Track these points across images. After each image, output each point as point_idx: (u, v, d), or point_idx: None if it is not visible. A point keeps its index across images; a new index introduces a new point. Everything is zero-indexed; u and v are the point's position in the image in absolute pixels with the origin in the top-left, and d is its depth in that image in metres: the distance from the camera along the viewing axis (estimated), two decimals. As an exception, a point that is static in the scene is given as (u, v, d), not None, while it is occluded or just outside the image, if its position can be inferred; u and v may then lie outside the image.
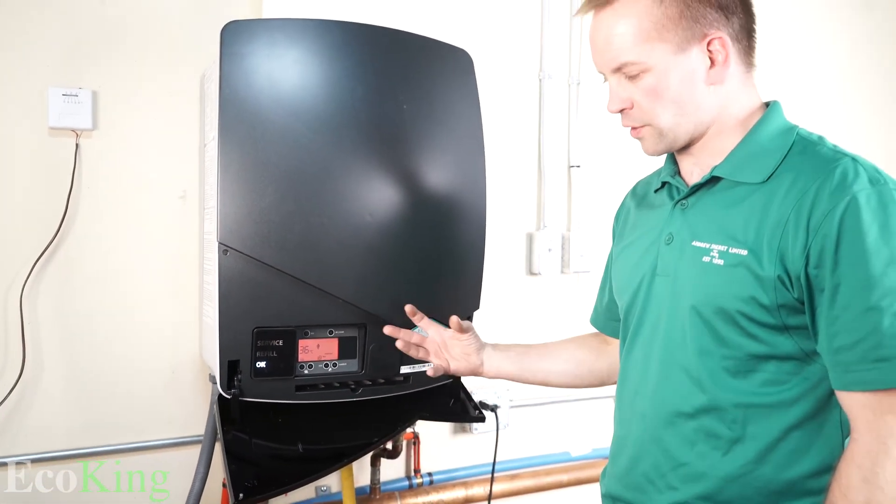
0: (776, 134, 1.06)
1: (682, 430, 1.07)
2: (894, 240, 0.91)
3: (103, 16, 1.73)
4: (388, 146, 1.49)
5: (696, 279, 1.05)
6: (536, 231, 2.25)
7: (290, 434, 1.53)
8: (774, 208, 0.99)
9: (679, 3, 1.01)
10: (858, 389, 0.93)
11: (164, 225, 1.80)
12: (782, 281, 0.97)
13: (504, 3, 2.20)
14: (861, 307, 0.92)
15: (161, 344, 1.81)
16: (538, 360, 1.39)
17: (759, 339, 1.00)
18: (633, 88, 1.06)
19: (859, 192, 0.93)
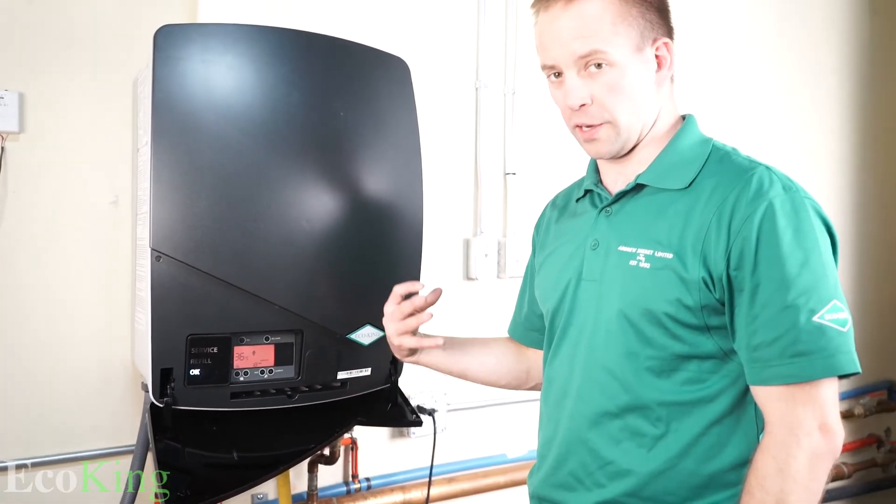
0: (694, 144, 1.10)
1: (608, 430, 1.09)
2: (807, 242, 0.97)
3: (31, 17, 1.68)
4: (324, 152, 1.48)
5: (623, 283, 1.07)
6: (473, 237, 2.26)
7: (225, 442, 1.49)
8: (697, 214, 1.03)
9: (640, 2, 1.05)
10: (776, 384, 0.97)
11: (95, 231, 1.74)
12: (706, 282, 1.01)
13: (441, 13, 2.21)
14: (779, 305, 0.96)
15: (92, 352, 1.75)
16: (461, 351, 1.38)
17: (683, 339, 1.04)
18: (593, 84, 1.05)
19: (775, 198, 0.98)
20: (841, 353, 0.96)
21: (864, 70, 3.20)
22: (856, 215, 3.19)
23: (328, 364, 1.52)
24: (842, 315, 0.97)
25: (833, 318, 0.96)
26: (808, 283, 0.96)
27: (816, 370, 0.95)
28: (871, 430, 3.24)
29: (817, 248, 0.98)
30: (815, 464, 0.95)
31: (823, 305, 0.95)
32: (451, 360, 1.37)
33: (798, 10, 3.00)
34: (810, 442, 0.95)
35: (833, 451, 0.97)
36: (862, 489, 3.19)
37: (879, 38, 3.25)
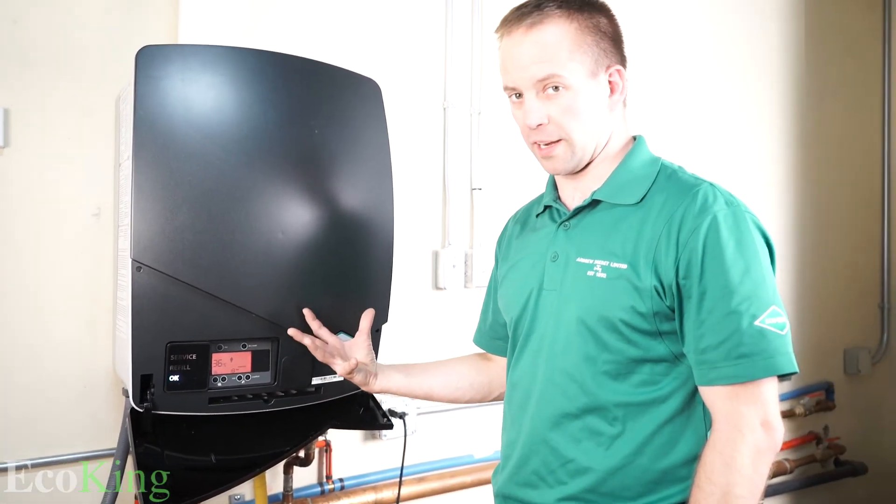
0: (645, 163, 1.14)
1: (569, 430, 1.11)
2: (747, 252, 1.01)
3: (15, 35, 1.64)
4: (299, 168, 1.47)
5: (581, 292, 1.09)
6: (441, 249, 2.26)
7: (203, 446, 1.47)
8: (648, 227, 1.06)
9: (593, 33, 1.09)
10: (722, 384, 1.00)
11: (77, 241, 1.71)
12: (657, 290, 1.03)
13: (410, 37, 2.21)
14: (723, 311, 0.99)
15: (73, 358, 1.71)
16: (423, 374, 1.39)
17: (637, 344, 1.06)
18: (550, 105, 1.08)
19: (718, 212, 1.02)
20: (780, 355, 0.98)
21: (801, 91, 3.28)
22: (795, 228, 3.25)
23: (303, 370, 1.51)
24: (780, 319, 1.00)
25: (773, 322, 0.99)
26: (750, 290, 0.99)
27: (758, 370, 0.98)
28: (811, 428, 3.30)
29: (757, 257, 1.01)
30: (758, 458, 0.98)
31: (764, 310, 0.99)
32: (414, 383, 1.37)
33: (736, 30, 3.06)
34: (754, 437, 0.98)
35: (774, 446, 0.99)
36: (803, 483, 3.24)
37: (815, 61, 3.33)
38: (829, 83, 3.38)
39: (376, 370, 1.35)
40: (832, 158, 3.42)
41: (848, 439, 3.39)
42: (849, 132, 3.49)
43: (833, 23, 3.40)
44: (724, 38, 2.99)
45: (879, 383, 3.59)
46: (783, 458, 3.16)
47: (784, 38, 3.21)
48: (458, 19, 2.29)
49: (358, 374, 1.32)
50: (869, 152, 3.58)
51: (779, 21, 3.19)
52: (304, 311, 1.38)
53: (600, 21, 1.10)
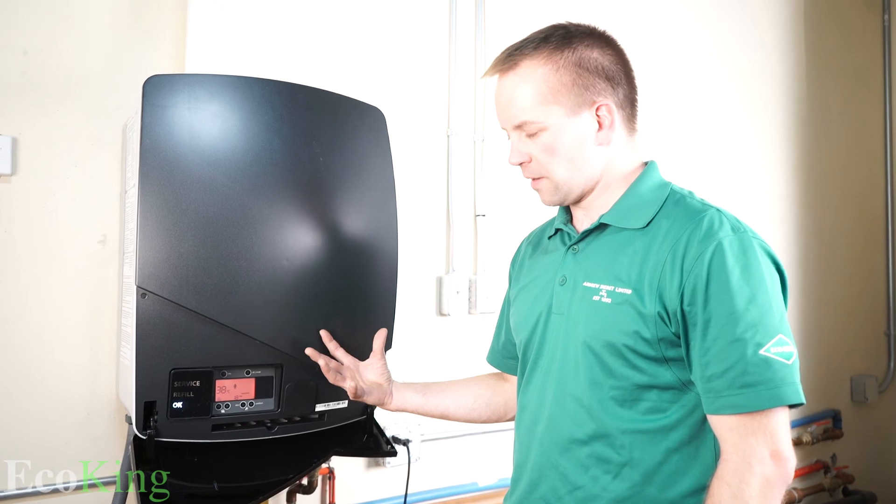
0: (654, 188, 1.13)
1: (577, 456, 1.09)
2: (754, 280, 0.99)
3: (26, 65, 1.67)
4: (304, 196, 1.48)
5: (587, 316, 1.09)
6: (445, 275, 2.26)
7: (206, 473, 1.46)
8: (653, 252, 1.05)
9: (572, 72, 1.08)
10: (727, 413, 0.98)
11: (83, 268, 1.72)
12: (661, 317, 1.02)
13: (415, 66, 2.24)
14: (728, 339, 0.97)
15: (78, 384, 1.71)
16: (439, 394, 1.39)
17: (643, 370, 1.05)
18: (531, 144, 1.11)
19: (724, 238, 1.00)
20: (786, 385, 0.96)
21: (803, 120, 3.29)
22: (799, 256, 3.25)
23: (307, 397, 1.50)
24: (787, 349, 0.98)
25: (778, 351, 0.97)
26: (755, 318, 0.97)
27: (763, 400, 0.96)
28: (819, 456, 3.26)
29: (763, 284, 0.99)
30: (767, 490, 0.95)
31: (769, 339, 0.97)
32: (430, 402, 1.38)
33: (739, 60, 3.08)
34: (763, 469, 0.95)
35: (785, 477, 0.97)
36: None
37: (816, 89, 3.35)
38: (831, 112, 3.40)
39: (392, 389, 1.36)
40: (835, 186, 3.43)
41: (856, 468, 3.35)
42: (852, 160, 3.51)
43: (834, 50, 3.43)
44: (727, 69, 3.01)
45: (887, 411, 3.56)
46: (791, 487, 3.12)
47: (786, 67, 3.24)
48: (461, 48, 2.31)
49: (371, 394, 1.34)
50: (872, 179, 3.59)
51: (780, 50, 3.22)
52: (322, 332, 1.42)
53: (588, 56, 1.09)
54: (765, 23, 3.19)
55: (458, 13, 2.31)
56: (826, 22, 3.41)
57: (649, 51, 2.77)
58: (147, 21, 1.81)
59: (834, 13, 3.46)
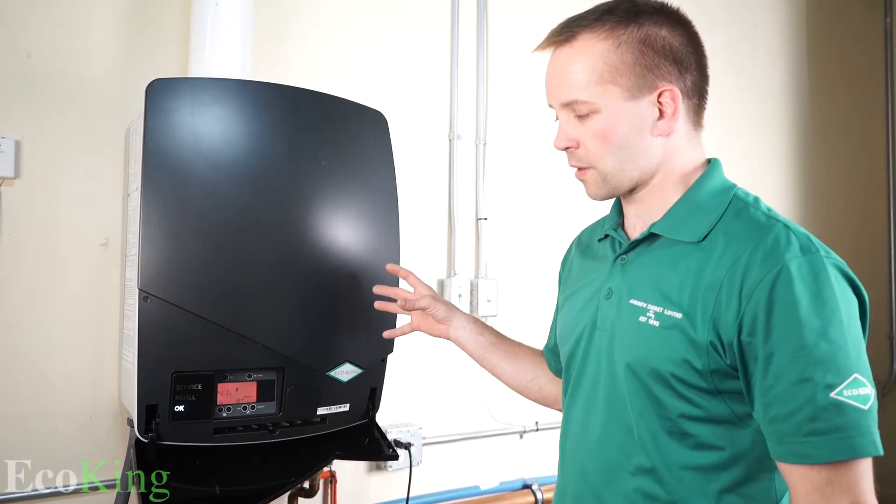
0: (714, 193, 1.00)
1: (622, 489, 0.99)
2: (826, 310, 0.85)
3: (29, 68, 1.67)
4: (306, 199, 1.48)
5: (631, 339, 0.98)
6: (447, 278, 2.26)
7: (208, 476, 1.46)
8: (709, 271, 0.92)
9: (635, 50, 0.96)
10: (793, 462, 0.86)
11: (85, 271, 1.72)
12: (715, 347, 0.90)
13: (418, 69, 2.24)
14: (794, 378, 0.85)
15: (79, 387, 1.71)
16: (501, 358, 1.35)
17: (693, 401, 0.94)
18: (581, 128, 0.99)
19: (791, 260, 0.87)
20: (861, 435, 0.84)
21: (805, 126, 3.29)
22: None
23: (308, 400, 1.50)
24: (864, 391, 0.84)
25: (852, 394, 0.83)
26: (826, 355, 0.84)
27: (833, 452, 0.83)
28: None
29: (837, 315, 0.85)
30: None
31: (843, 380, 0.83)
32: (488, 360, 1.35)
33: (741, 67, 3.08)
34: None
35: None
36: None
37: (818, 97, 3.35)
38: (833, 115, 3.40)
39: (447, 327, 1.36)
40: (837, 189, 3.43)
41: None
42: (854, 162, 3.50)
43: (836, 54, 3.43)
44: (730, 73, 3.01)
45: (890, 414, 3.54)
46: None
47: (788, 70, 3.24)
48: (464, 51, 2.32)
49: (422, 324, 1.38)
50: (874, 182, 3.58)
51: (783, 54, 3.22)
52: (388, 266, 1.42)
53: (656, 34, 0.97)
54: (768, 27, 3.19)
55: (460, 17, 2.31)
56: (828, 25, 3.41)
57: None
58: (150, 25, 1.81)
59: (836, 17, 3.46)
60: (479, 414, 2.32)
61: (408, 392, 2.14)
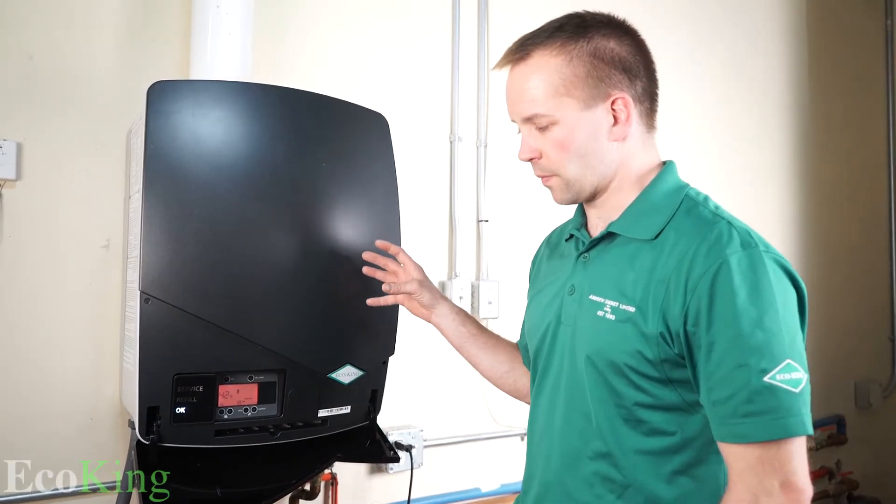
0: (667, 193, 1.06)
1: (582, 473, 1.05)
2: (762, 301, 0.92)
3: (31, 70, 1.67)
4: (307, 201, 1.48)
5: (590, 332, 1.04)
6: (448, 280, 2.26)
7: (208, 478, 1.46)
8: (660, 267, 0.98)
9: (586, 63, 1.02)
10: (731, 441, 0.93)
11: (86, 273, 1.72)
12: (664, 337, 0.97)
13: (419, 71, 2.24)
14: (732, 364, 0.91)
15: (80, 389, 1.71)
16: (480, 349, 1.37)
17: (646, 390, 1.00)
18: (542, 140, 1.05)
19: (731, 255, 0.93)
20: (792, 416, 0.90)
21: (807, 124, 3.29)
22: (803, 261, 3.24)
23: (309, 402, 1.50)
24: (795, 375, 0.91)
25: (785, 378, 0.90)
26: (761, 342, 0.90)
27: (766, 432, 0.90)
28: (823, 462, 3.25)
29: (773, 305, 0.92)
30: None
31: (776, 365, 0.90)
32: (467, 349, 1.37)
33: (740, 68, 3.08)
34: (770, 502, 0.89)
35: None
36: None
37: (820, 96, 3.35)
38: (834, 117, 3.41)
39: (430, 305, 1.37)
40: (839, 192, 3.43)
41: (861, 474, 3.34)
42: (855, 165, 3.50)
43: (837, 56, 3.44)
44: (731, 76, 3.01)
45: (891, 416, 3.54)
46: (795, 493, 3.11)
47: (789, 73, 3.24)
48: (465, 53, 2.32)
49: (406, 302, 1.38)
50: (875, 184, 3.59)
51: (784, 56, 3.22)
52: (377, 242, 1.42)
53: (604, 46, 1.03)
54: (769, 30, 3.19)
55: (461, 18, 2.32)
56: (829, 28, 3.41)
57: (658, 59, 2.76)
58: (152, 27, 1.81)
59: (837, 19, 3.46)
60: (481, 416, 2.32)
61: (409, 394, 2.14)
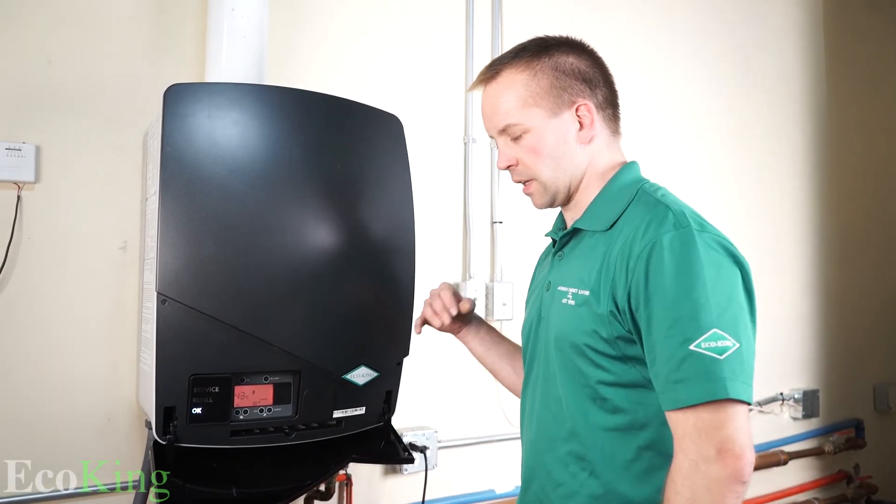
0: (624, 186, 1.14)
1: (558, 454, 1.13)
2: (690, 275, 0.98)
3: (50, 74, 1.70)
4: (322, 203, 1.49)
5: (556, 318, 1.14)
6: (463, 282, 2.26)
7: (224, 478, 1.47)
8: (612, 253, 1.07)
9: (549, 76, 1.13)
10: (668, 408, 0.99)
11: (104, 274, 1.74)
12: (614, 315, 1.04)
13: (433, 73, 2.25)
14: (662, 335, 0.98)
15: (97, 390, 1.72)
16: (500, 358, 1.42)
17: (606, 368, 1.07)
18: (517, 148, 1.15)
19: (664, 234, 1.01)
20: (715, 381, 0.94)
21: (824, 127, 3.27)
22: (821, 263, 3.21)
23: (324, 403, 1.51)
24: (722, 343, 0.95)
25: (711, 346, 0.95)
26: (687, 313, 0.96)
27: (690, 395, 0.95)
28: (841, 466, 3.22)
29: (701, 278, 0.97)
30: (717, 489, 0.93)
31: (700, 334, 0.95)
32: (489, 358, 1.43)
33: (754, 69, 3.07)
34: (708, 468, 0.93)
35: (735, 475, 0.93)
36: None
37: (836, 98, 3.32)
38: (850, 118, 3.38)
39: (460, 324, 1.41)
40: (856, 192, 3.40)
41: (880, 478, 3.30)
42: (872, 165, 3.47)
43: (852, 57, 3.41)
44: (747, 77, 3.00)
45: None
46: (813, 497, 3.09)
47: (804, 74, 3.21)
48: (478, 55, 2.32)
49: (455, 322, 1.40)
50: (892, 184, 3.55)
51: (799, 58, 3.20)
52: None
53: (564, 60, 1.14)
54: (784, 32, 3.17)
55: (475, 21, 2.32)
56: (844, 29, 3.39)
57: (671, 61, 2.76)
58: (167, 31, 1.83)
59: (852, 21, 3.44)
60: (495, 417, 2.32)
61: (423, 395, 2.15)
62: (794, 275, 3.13)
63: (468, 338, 1.43)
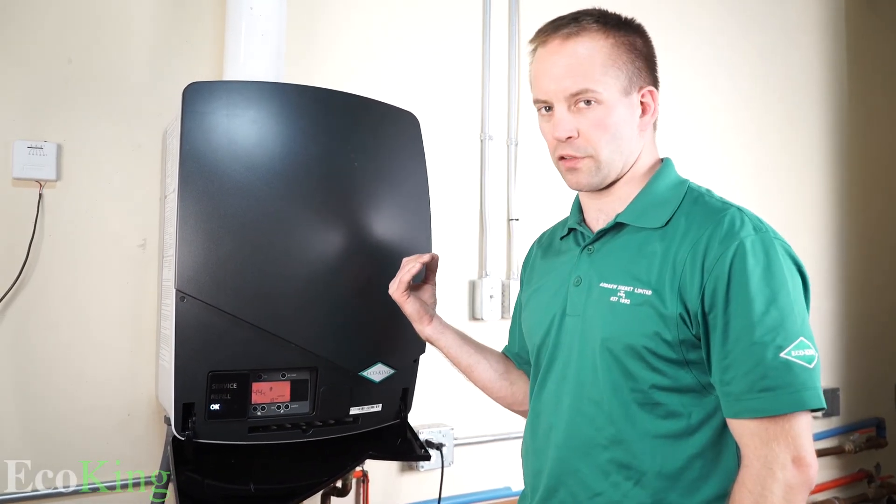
0: (671, 186, 1.11)
1: (597, 461, 1.07)
2: (775, 281, 0.97)
3: (71, 73, 1.71)
4: (340, 200, 1.49)
5: (604, 318, 1.06)
6: (479, 279, 2.26)
7: (242, 474, 1.48)
8: (673, 252, 1.03)
9: (626, 51, 1.07)
10: (746, 417, 0.96)
11: (123, 272, 1.75)
12: (683, 318, 1.00)
13: (450, 71, 2.24)
14: (748, 342, 0.95)
15: (117, 386, 1.74)
16: (476, 352, 1.36)
17: (663, 372, 1.03)
18: (581, 119, 1.06)
19: (745, 238, 0.98)
20: (807, 389, 0.94)
21: (844, 119, 3.23)
22: (841, 261, 3.18)
23: (341, 400, 1.51)
24: (808, 352, 0.95)
25: (799, 354, 0.95)
26: (776, 321, 0.95)
27: (783, 405, 0.94)
28: (862, 465, 3.19)
29: (785, 286, 0.97)
30: (790, 496, 0.93)
31: (790, 342, 0.95)
32: (464, 353, 1.35)
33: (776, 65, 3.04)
34: (784, 475, 0.93)
35: (807, 483, 0.95)
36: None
37: (856, 90, 3.28)
38: (871, 114, 3.34)
39: (433, 314, 1.36)
40: (877, 190, 3.36)
41: (901, 478, 3.27)
42: (894, 163, 3.42)
43: (873, 53, 3.36)
44: (768, 73, 2.97)
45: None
46: (833, 496, 3.06)
47: (825, 70, 3.18)
48: (495, 52, 2.32)
49: (412, 304, 1.33)
50: (917, 181, 3.50)
51: (820, 53, 3.16)
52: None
53: (636, 41, 1.09)
54: (804, 27, 3.13)
55: (491, 18, 2.32)
56: (864, 25, 3.34)
57: (692, 57, 2.74)
58: (187, 29, 1.84)
59: (872, 16, 3.39)
60: (511, 415, 2.31)
61: (439, 393, 2.15)
62: (814, 273, 3.09)
63: (442, 329, 1.35)
